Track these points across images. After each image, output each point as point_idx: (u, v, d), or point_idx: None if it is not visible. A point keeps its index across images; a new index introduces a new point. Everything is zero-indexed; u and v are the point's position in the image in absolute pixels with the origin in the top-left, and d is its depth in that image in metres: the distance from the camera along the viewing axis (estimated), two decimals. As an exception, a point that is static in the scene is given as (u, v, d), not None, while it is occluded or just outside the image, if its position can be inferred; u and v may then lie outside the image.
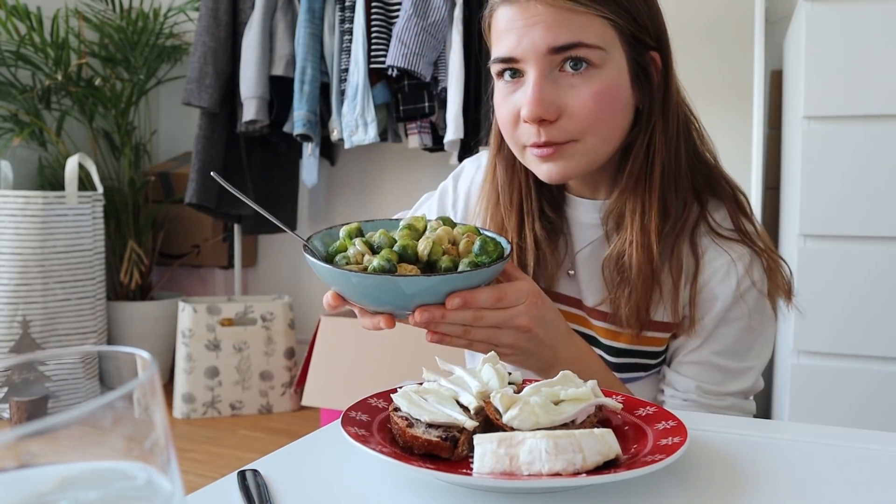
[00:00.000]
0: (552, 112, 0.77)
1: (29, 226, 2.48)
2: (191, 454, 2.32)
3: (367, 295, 0.66)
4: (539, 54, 0.76)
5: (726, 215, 0.85)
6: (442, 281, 0.64)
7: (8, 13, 2.73)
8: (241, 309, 2.71)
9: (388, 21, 2.44)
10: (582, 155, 0.79)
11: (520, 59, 0.78)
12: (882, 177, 1.57)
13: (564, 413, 0.51)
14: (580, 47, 0.75)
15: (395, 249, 0.68)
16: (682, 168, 0.83)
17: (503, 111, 0.82)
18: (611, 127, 0.79)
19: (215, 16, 2.60)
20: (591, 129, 0.78)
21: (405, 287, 0.64)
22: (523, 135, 0.80)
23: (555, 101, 0.77)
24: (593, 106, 0.76)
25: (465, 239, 0.70)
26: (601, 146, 0.80)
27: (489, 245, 0.69)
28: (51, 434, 0.23)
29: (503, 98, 0.82)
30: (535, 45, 0.76)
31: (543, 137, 0.78)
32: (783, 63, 2.26)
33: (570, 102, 0.77)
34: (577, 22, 0.75)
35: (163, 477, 0.27)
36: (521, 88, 0.79)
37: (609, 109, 0.78)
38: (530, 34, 0.76)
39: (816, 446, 0.57)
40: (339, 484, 0.51)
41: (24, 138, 2.74)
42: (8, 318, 2.47)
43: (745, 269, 0.82)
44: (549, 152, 0.78)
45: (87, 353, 0.32)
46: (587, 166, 0.81)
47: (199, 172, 2.63)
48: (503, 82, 0.81)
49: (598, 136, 0.78)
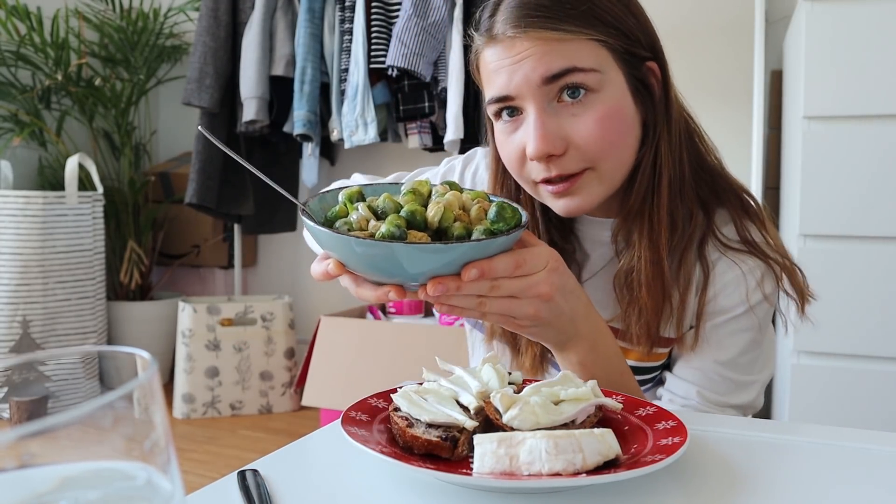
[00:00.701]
0: (559, 146, 0.74)
1: (29, 226, 2.48)
2: (191, 454, 2.32)
3: (373, 265, 0.60)
4: (533, 87, 0.73)
5: (733, 225, 0.83)
6: (459, 250, 0.59)
7: (8, 13, 2.73)
8: (241, 309, 2.71)
9: (388, 21, 2.44)
10: (598, 184, 0.77)
11: (515, 95, 0.75)
12: (882, 177, 1.57)
13: (564, 413, 0.51)
14: (575, 72, 0.73)
15: (403, 215, 0.62)
16: (686, 178, 0.81)
17: (507, 151, 0.79)
18: (622, 149, 0.77)
19: (215, 16, 2.60)
20: (602, 156, 0.75)
21: (417, 256, 0.58)
22: (532, 172, 0.77)
23: (559, 134, 0.74)
24: (600, 132, 0.74)
25: (477, 205, 0.65)
26: (616, 171, 0.77)
27: (507, 211, 0.63)
28: (51, 434, 0.23)
29: (505, 138, 0.79)
30: (528, 78, 0.73)
31: (554, 171, 0.75)
32: (783, 63, 2.26)
33: (575, 133, 0.74)
34: (567, 49, 0.73)
35: (163, 477, 0.27)
36: (521, 126, 0.76)
37: (617, 132, 0.75)
38: (521, 69, 0.73)
39: (816, 446, 0.57)
40: (339, 484, 0.51)
41: (24, 138, 2.74)
42: (8, 318, 2.47)
43: (757, 282, 0.80)
44: (564, 188, 0.76)
45: (87, 353, 0.32)
46: (604, 194, 0.78)
47: (199, 172, 2.63)
48: (502, 122, 0.78)
49: (610, 161, 0.76)
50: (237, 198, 2.76)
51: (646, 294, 0.78)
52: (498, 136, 0.80)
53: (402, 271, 0.60)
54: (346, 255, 0.61)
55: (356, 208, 0.64)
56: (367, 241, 0.58)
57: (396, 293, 0.62)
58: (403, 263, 0.59)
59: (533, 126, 0.74)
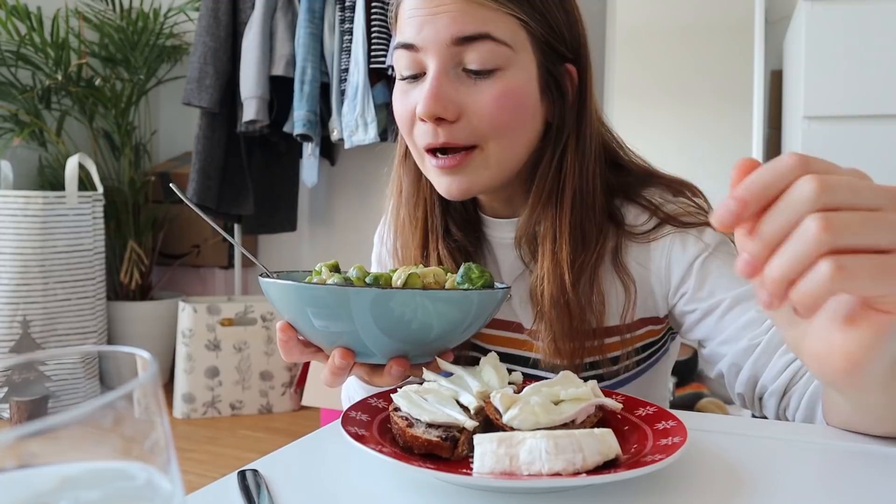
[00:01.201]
0: (451, 111, 0.70)
1: (29, 226, 2.48)
2: (191, 454, 2.32)
3: (318, 315, 0.57)
4: (442, 45, 0.70)
5: (639, 210, 0.78)
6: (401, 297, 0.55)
7: (8, 13, 2.73)
8: (241, 309, 2.71)
9: (388, 21, 2.44)
10: (484, 167, 0.73)
11: (420, 46, 0.71)
12: (882, 177, 1.56)
13: (564, 413, 0.51)
14: (487, 40, 0.70)
15: (367, 280, 0.61)
16: (597, 195, 0.77)
17: (399, 109, 0.75)
18: (515, 134, 0.73)
19: (215, 16, 2.60)
20: (492, 134, 0.72)
21: (355, 300, 0.54)
22: (419, 135, 0.74)
23: (454, 99, 0.71)
24: (495, 108, 0.71)
25: (451, 278, 0.64)
26: (505, 155, 0.73)
27: (473, 272, 0.62)
28: (51, 434, 0.23)
29: (400, 94, 0.75)
30: (438, 33, 0.70)
31: (441, 138, 0.71)
32: (783, 63, 2.26)
33: (470, 102, 0.71)
34: (485, 15, 0.70)
35: (163, 477, 0.27)
36: (419, 86, 0.73)
37: (513, 114, 0.72)
38: (434, 22, 0.70)
39: (816, 446, 0.57)
40: (339, 484, 0.51)
41: (24, 138, 2.74)
42: (8, 318, 2.47)
43: (684, 247, 0.75)
44: (449, 163, 0.72)
45: (87, 353, 0.32)
46: (490, 180, 0.74)
47: (199, 172, 2.63)
48: (403, 83, 0.75)
49: (500, 142, 0.72)
50: (237, 198, 2.76)
51: (549, 310, 0.74)
52: (395, 93, 0.77)
53: (351, 327, 0.57)
54: (287, 306, 0.59)
55: (321, 272, 0.64)
56: (306, 284, 0.57)
57: (341, 356, 0.59)
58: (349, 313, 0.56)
59: (429, 84, 0.71)
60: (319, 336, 0.61)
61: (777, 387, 0.69)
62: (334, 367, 0.61)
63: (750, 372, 0.71)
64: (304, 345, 0.65)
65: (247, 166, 2.75)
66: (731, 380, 0.74)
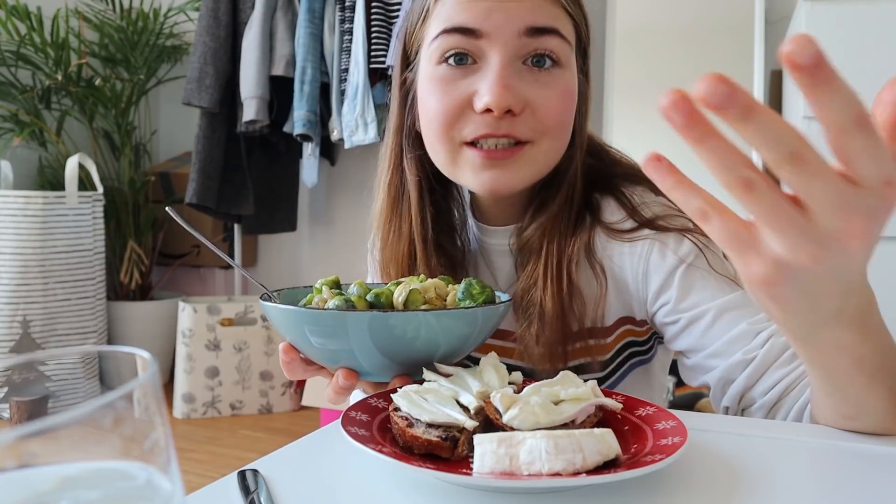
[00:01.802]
0: (519, 103, 0.67)
1: (29, 226, 2.48)
2: (191, 454, 2.32)
3: (319, 338, 0.58)
4: (513, 33, 0.67)
5: (616, 206, 0.77)
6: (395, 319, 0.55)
7: (8, 13, 2.73)
8: (241, 309, 2.71)
9: (388, 21, 2.44)
10: (531, 164, 0.71)
11: (485, 33, 0.67)
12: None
13: (564, 413, 0.51)
14: (556, 36, 0.68)
15: (368, 298, 0.60)
16: (578, 190, 0.77)
17: (444, 99, 0.69)
18: (566, 133, 0.72)
19: (215, 16, 2.60)
20: (552, 132, 0.70)
21: (353, 323, 0.55)
22: (468, 129, 0.69)
23: (521, 93, 0.68)
24: (560, 106, 0.70)
25: (453, 292, 0.63)
26: (552, 154, 0.72)
27: (475, 287, 0.61)
28: (51, 434, 0.23)
29: (446, 83, 0.69)
30: (512, 20, 0.67)
31: (503, 129, 0.68)
32: (783, 63, 2.26)
33: (537, 98, 0.69)
34: (554, 10, 0.69)
35: (163, 477, 0.27)
36: (474, 75, 0.69)
37: (570, 113, 0.72)
38: (505, 8, 0.67)
39: (816, 446, 0.57)
40: (339, 484, 0.51)
41: (24, 138, 2.74)
42: (8, 318, 2.47)
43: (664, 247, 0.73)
44: (501, 155, 0.69)
45: (87, 353, 0.32)
46: (531, 178, 0.72)
47: (199, 172, 2.63)
48: (446, 66, 0.70)
49: (555, 141, 0.71)
50: (237, 198, 2.76)
51: (551, 315, 0.72)
52: (434, 82, 0.71)
53: (347, 349, 0.57)
54: (288, 329, 0.60)
55: (322, 291, 0.63)
56: (304, 309, 0.57)
57: (345, 377, 0.59)
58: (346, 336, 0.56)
59: (495, 74, 0.67)
60: (322, 357, 0.62)
61: (767, 400, 0.67)
62: (338, 387, 0.61)
63: (742, 385, 0.68)
64: (306, 363, 0.65)
65: (247, 166, 2.75)
66: (718, 393, 0.71)
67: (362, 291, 0.61)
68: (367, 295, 0.61)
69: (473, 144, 0.70)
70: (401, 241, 0.79)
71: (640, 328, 0.80)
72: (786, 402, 0.67)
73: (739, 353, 0.68)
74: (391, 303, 0.61)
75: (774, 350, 0.67)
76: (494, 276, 0.83)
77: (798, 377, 0.66)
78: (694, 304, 0.72)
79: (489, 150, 0.69)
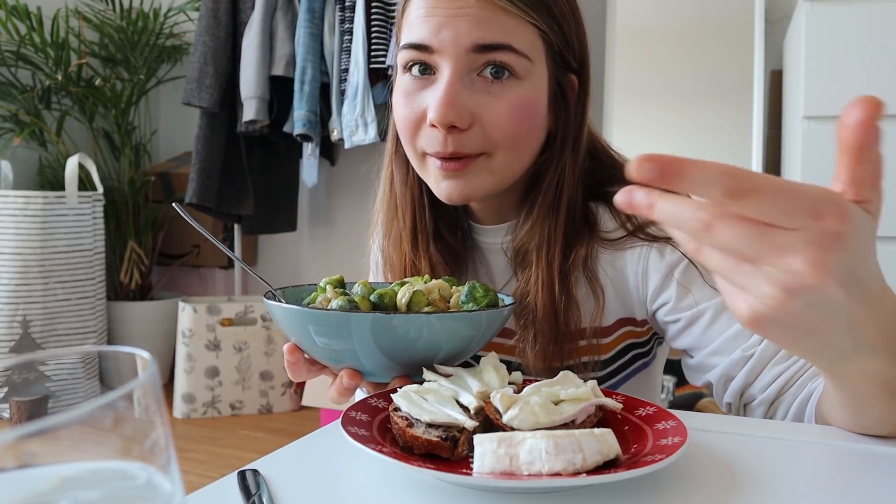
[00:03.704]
0: (464, 119, 0.68)
1: (29, 226, 2.48)
2: (191, 454, 2.32)
3: (323, 338, 0.58)
4: (460, 50, 0.67)
5: (609, 215, 0.77)
6: (396, 321, 0.55)
7: (8, 13, 2.73)
8: (241, 309, 2.71)
9: (388, 21, 2.44)
10: (489, 173, 0.71)
11: (436, 49, 0.68)
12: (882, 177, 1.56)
13: (564, 413, 0.51)
14: (508, 51, 0.67)
15: (372, 299, 0.60)
16: (578, 200, 0.76)
17: (405, 111, 0.71)
18: (524, 146, 0.72)
19: (215, 16, 2.60)
20: (504, 144, 0.70)
21: (357, 324, 0.55)
22: (425, 141, 0.71)
23: (469, 108, 0.68)
24: (510, 119, 0.69)
25: (457, 294, 0.63)
26: (511, 165, 0.72)
27: (478, 291, 0.61)
28: (51, 434, 0.23)
29: (406, 95, 0.71)
30: (458, 37, 0.67)
31: (451, 147, 0.69)
32: (783, 63, 2.26)
33: (485, 111, 0.68)
34: (508, 24, 0.67)
35: (163, 477, 0.27)
36: (430, 87, 0.70)
37: (526, 126, 0.70)
38: (454, 24, 0.66)
39: (816, 446, 0.57)
40: (339, 484, 0.51)
41: (24, 138, 2.74)
42: (8, 318, 2.47)
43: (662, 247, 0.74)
44: (455, 166, 0.69)
45: (87, 353, 0.32)
46: (492, 188, 0.72)
47: (199, 172, 2.63)
48: (410, 77, 0.71)
49: (509, 152, 0.71)
50: (237, 198, 2.76)
51: (542, 320, 0.73)
52: (398, 90, 0.73)
53: (351, 349, 0.58)
54: (292, 328, 0.60)
55: (325, 289, 0.64)
56: (307, 309, 0.57)
57: (349, 377, 0.60)
58: (350, 336, 0.56)
59: (443, 90, 0.67)
60: (325, 356, 0.62)
61: (766, 396, 0.68)
62: (342, 387, 0.61)
63: (742, 382, 0.69)
64: (310, 364, 0.65)
65: (247, 166, 2.75)
66: (720, 390, 0.72)
67: (366, 291, 0.62)
68: (371, 295, 0.61)
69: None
70: (406, 232, 0.80)
71: (640, 328, 0.80)
72: (785, 399, 0.67)
73: (738, 350, 0.69)
74: (395, 304, 0.61)
75: (772, 346, 0.68)
76: (490, 274, 0.83)
77: (796, 372, 0.67)
78: (693, 303, 0.73)
79: (445, 161, 0.70)
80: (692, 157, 0.38)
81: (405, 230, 0.80)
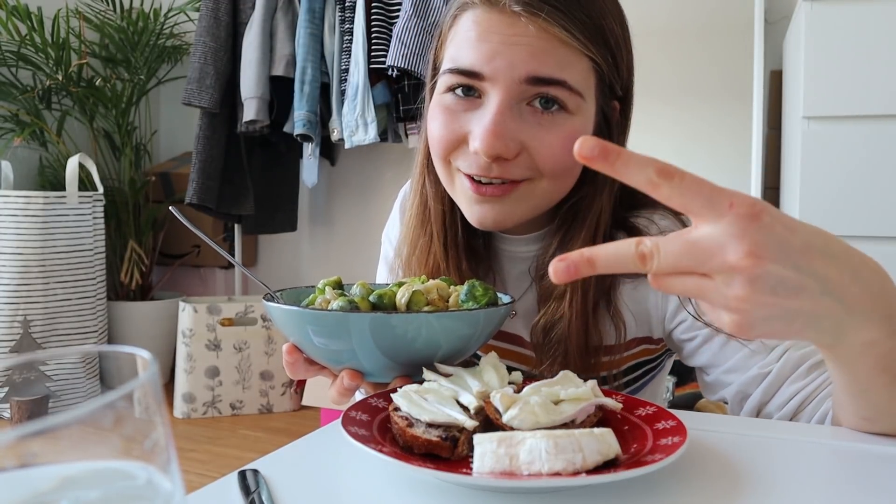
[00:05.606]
0: (511, 149, 0.66)
1: (29, 226, 2.48)
2: (191, 454, 2.32)
3: (322, 339, 0.58)
4: (514, 80, 0.65)
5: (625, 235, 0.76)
6: (396, 320, 0.55)
7: (8, 13, 2.73)
8: (242, 309, 2.71)
9: (388, 21, 2.44)
10: (527, 200, 0.69)
11: (487, 77, 0.65)
12: (882, 177, 1.57)
13: (564, 413, 0.51)
14: (562, 87, 0.65)
15: (371, 299, 0.60)
16: (609, 229, 0.75)
17: (443, 130, 0.69)
18: (567, 178, 0.70)
19: (216, 16, 2.60)
20: (550, 173, 0.68)
21: (355, 324, 0.55)
22: (463, 162, 0.69)
23: (517, 137, 0.66)
24: (560, 150, 0.66)
25: (456, 294, 0.63)
26: (552, 192, 0.70)
27: (477, 289, 0.61)
28: (51, 434, 0.23)
29: (448, 113, 0.69)
30: (514, 67, 0.64)
31: (495, 172, 0.66)
32: (783, 63, 2.26)
33: (534, 142, 0.66)
34: (565, 57, 0.65)
35: (163, 476, 0.27)
36: (475, 111, 0.67)
37: (574, 157, 0.71)
38: (510, 53, 0.64)
39: (817, 446, 0.57)
40: (339, 484, 0.51)
41: (24, 138, 2.74)
42: (8, 317, 2.47)
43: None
44: (492, 192, 0.67)
45: (87, 353, 0.32)
46: (527, 213, 0.71)
47: (199, 172, 2.63)
48: (452, 96, 0.69)
49: (553, 183, 0.69)
50: (237, 198, 2.76)
51: (575, 349, 0.71)
52: (438, 108, 0.70)
53: (350, 349, 0.58)
54: (292, 329, 0.60)
55: (324, 291, 0.64)
56: (308, 310, 0.57)
57: (349, 377, 0.59)
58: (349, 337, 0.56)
59: (492, 120, 0.65)
60: (325, 357, 0.62)
61: (784, 414, 0.68)
62: (342, 388, 0.61)
63: (758, 399, 0.69)
64: (309, 363, 0.65)
65: (247, 166, 2.75)
66: (736, 407, 0.72)
67: (364, 292, 0.62)
68: (370, 296, 0.61)
69: (470, 177, 0.70)
70: (431, 243, 0.78)
71: (655, 346, 0.81)
72: (803, 416, 0.67)
73: (755, 367, 0.69)
74: (394, 304, 0.61)
75: (790, 364, 0.68)
76: (503, 281, 0.82)
77: (814, 390, 0.66)
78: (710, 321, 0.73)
79: (481, 185, 0.68)
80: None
81: (436, 244, 0.78)
